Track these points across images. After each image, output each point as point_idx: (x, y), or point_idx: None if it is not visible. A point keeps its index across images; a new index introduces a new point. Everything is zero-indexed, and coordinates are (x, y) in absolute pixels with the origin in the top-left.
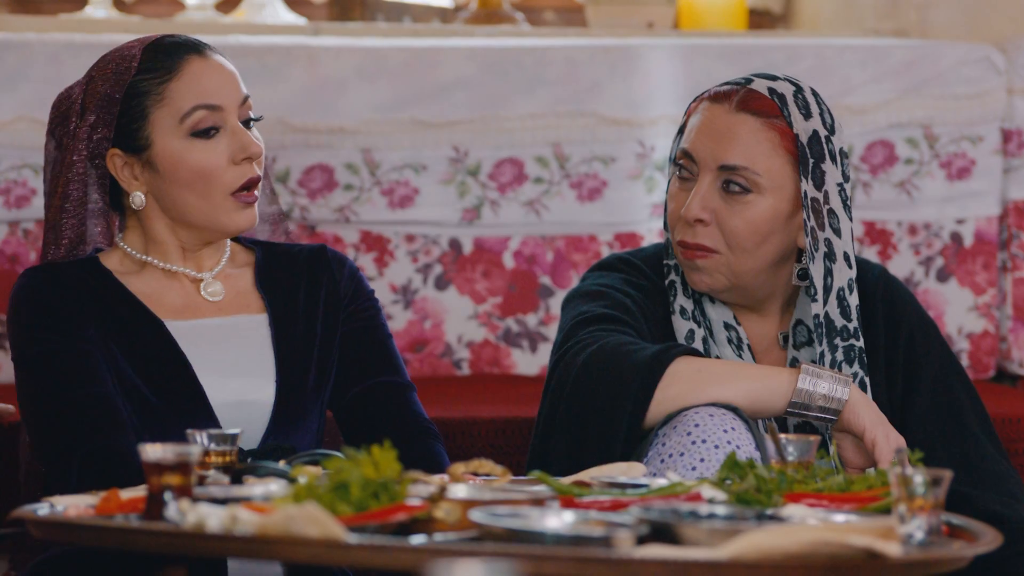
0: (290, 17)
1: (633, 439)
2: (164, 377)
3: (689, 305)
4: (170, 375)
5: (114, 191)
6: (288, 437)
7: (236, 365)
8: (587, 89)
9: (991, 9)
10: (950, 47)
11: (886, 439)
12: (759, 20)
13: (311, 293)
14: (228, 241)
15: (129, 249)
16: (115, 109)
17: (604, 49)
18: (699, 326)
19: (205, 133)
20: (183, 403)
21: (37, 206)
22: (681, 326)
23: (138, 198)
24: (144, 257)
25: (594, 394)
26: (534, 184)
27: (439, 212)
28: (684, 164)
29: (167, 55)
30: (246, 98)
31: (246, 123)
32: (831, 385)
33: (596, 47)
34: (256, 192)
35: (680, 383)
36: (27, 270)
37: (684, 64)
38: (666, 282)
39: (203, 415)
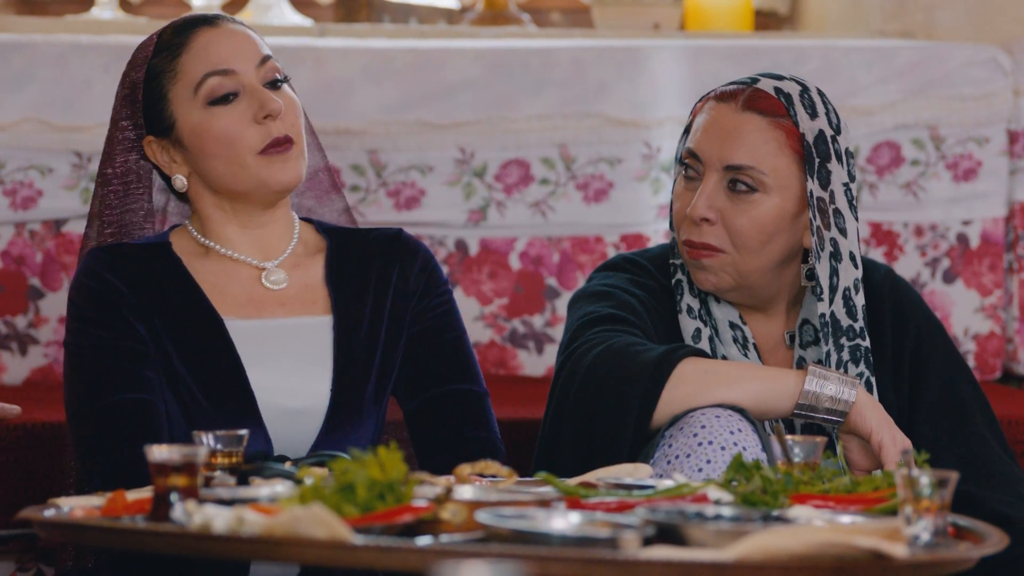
0: (296, 18)
1: (639, 440)
2: (215, 378)
3: (695, 304)
4: (222, 376)
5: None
6: (339, 446)
7: (292, 369)
8: (593, 90)
9: (997, 10)
10: (956, 48)
11: (892, 441)
12: (765, 21)
13: (380, 289)
14: (297, 223)
15: (194, 232)
16: (139, 95)
17: (610, 50)
18: (705, 325)
19: (224, 100)
20: (231, 405)
21: (43, 207)
22: (688, 325)
23: (179, 180)
24: (206, 242)
25: (600, 395)
26: (540, 185)
27: (445, 213)
28: (690, 163)
29: (178, 32)
30: (265, 59)
31: (272, 85)
32: (838, 387)
33: (602, 48)
34: (290, 147)
35: (687, 384)
36: (92, 250)
37: (690, 65)
38: (672, 281)
39: (251, 420)
